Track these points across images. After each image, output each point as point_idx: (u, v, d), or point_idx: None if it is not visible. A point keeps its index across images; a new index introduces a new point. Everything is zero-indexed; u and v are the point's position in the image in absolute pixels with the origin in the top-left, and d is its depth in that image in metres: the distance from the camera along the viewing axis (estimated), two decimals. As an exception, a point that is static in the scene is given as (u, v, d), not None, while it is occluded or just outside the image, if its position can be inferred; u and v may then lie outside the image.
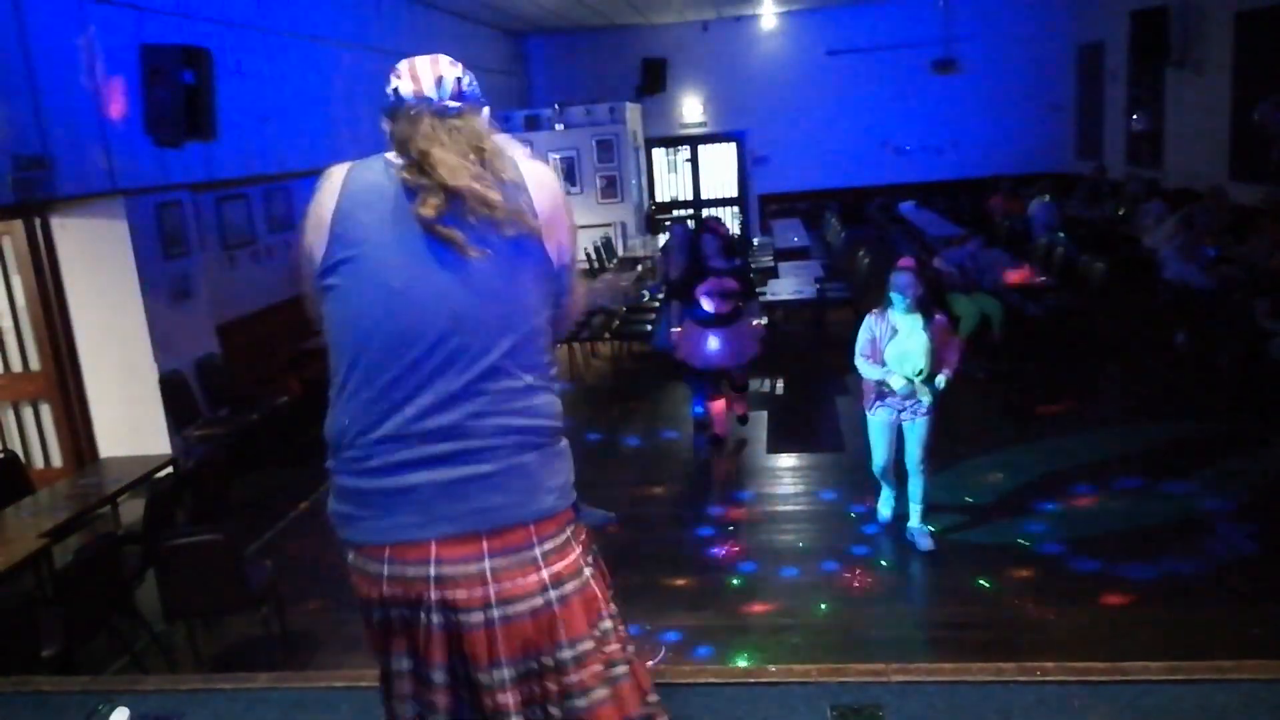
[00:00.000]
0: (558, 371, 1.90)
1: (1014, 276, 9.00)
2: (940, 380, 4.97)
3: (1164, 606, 4.57)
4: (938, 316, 5.01)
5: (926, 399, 4.97)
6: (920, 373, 4.92)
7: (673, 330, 6.87)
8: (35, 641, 3.71)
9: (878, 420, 5.16)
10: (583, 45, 16.67)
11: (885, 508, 5.54)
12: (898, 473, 5.33)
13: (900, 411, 5.09)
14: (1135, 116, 12.55)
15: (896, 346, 4.94)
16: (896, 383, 4.95)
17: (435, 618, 1.74)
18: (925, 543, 5.17)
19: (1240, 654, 2.44)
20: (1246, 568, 4.84)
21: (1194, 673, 2.03)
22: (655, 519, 5.96)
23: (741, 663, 4.26)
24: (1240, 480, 5.83)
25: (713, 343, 6.67)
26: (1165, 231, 9.24)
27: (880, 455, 5.24)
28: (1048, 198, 11.89)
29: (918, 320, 4.92)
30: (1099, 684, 2.02)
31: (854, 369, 5.19)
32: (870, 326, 5.04)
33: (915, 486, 5.20)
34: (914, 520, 5.25)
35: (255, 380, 8.07)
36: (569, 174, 15.54)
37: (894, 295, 4.94)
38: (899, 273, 4.96)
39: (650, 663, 4.26)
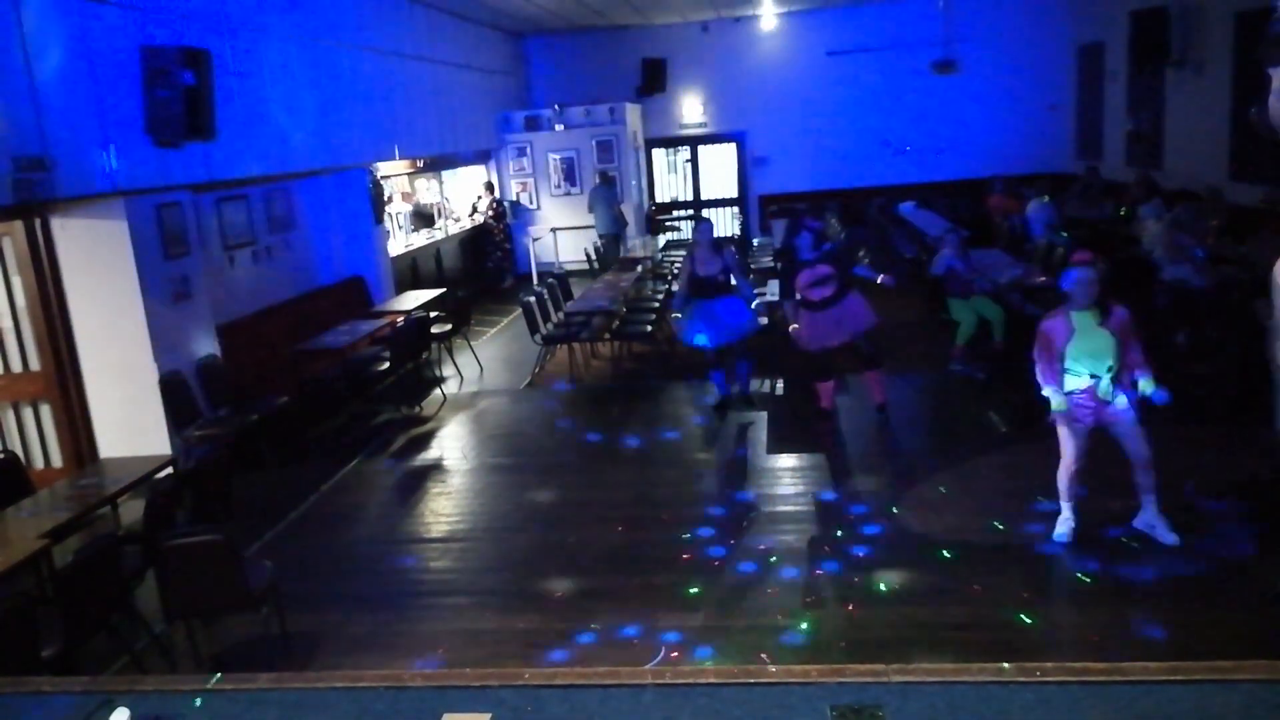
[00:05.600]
0: None
1: None
2: (1146, 385, 4.77)
3: (1164, 607, 4.57)
4: (1117, 310, 4.81)
5: (1122, 402, 4.79)
6: (1110, 369, 4.77)
7: (792, 325, 7.49)
8: (35, 641, 3.71)
9: (1062, 428, 5.03)
10: (583, 45, 16.67)
11: (1064, 528, 5.22)
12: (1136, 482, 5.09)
13: (1091, 418, 4.92)
14: (1135, 117, 12.54)
15: (1078, 345, 4.81)
16: (1058, 402, 4.84)
17: None
18: (1169, 538, 5.03)
19: (1240, 654, 2.44)
20: (1247, 568, 4.85)
21: (1194, 673, 2.03)
22: (655, 519, 5.96)
23: (741, 663, 4.26)
24: (1240, 481, 5.83)
25: (827, 322, 7.32)
26: (1155, 233, 9.24)
27: (1068, 458, 5.08)
28: (1047, 198, 11.88)
29: (1094, 316, 4.80)
30: (1099, 684, 2.02)
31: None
32: (1044, 331, 4.90)
33: (1147, 479, 5.05)
34: (1150, 514, 5.11)
35: (255, 380, 8.07)
36: (569, 174, 15.57)
37: (1070, 291, 4.82)
38: (1075, 268, 4.85)
39: (650, 663, 4.26)
